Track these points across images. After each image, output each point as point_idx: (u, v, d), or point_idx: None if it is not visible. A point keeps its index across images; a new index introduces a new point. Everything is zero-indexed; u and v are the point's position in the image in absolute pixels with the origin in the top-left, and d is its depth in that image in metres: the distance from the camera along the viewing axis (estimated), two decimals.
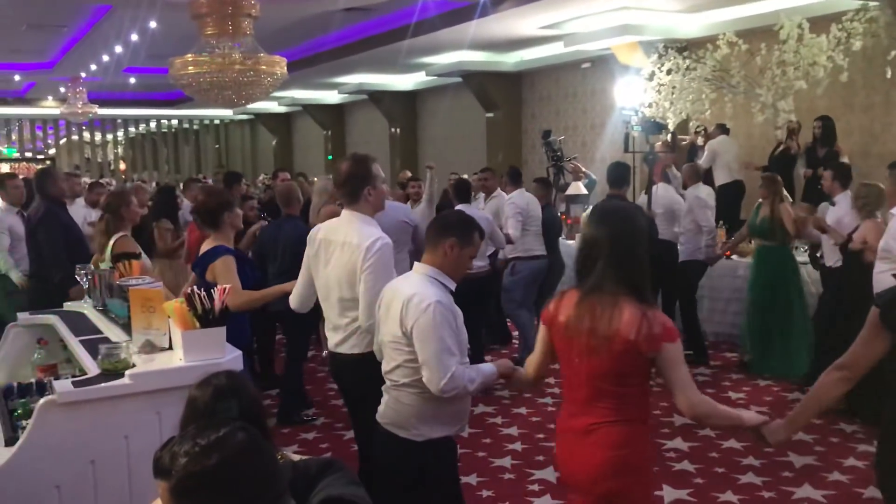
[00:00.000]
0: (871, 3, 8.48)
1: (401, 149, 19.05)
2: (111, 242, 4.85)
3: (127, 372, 3.15)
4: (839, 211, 6.19)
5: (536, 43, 13.10)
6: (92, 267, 4.77)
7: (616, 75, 11.56)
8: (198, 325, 3.23)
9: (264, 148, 26.72)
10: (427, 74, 15.92)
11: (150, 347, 3.41)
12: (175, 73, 8.88)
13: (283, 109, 23.55)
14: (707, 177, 9.70)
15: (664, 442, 5.34)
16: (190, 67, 8.69)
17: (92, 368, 3.28)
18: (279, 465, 1.78)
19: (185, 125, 28.75)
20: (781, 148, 9.57)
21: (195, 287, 3.36)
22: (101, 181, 11.55)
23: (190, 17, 8.92)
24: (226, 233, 4.19)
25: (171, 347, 3.42)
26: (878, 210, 5.67)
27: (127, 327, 3.75)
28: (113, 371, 3.18)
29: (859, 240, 5.55)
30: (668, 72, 9.67)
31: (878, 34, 8.38)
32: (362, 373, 3.48)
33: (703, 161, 9.92)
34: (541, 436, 5.48)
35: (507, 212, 7.03)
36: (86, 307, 4.58)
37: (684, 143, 10.91)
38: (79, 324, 4.17)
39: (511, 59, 14.88)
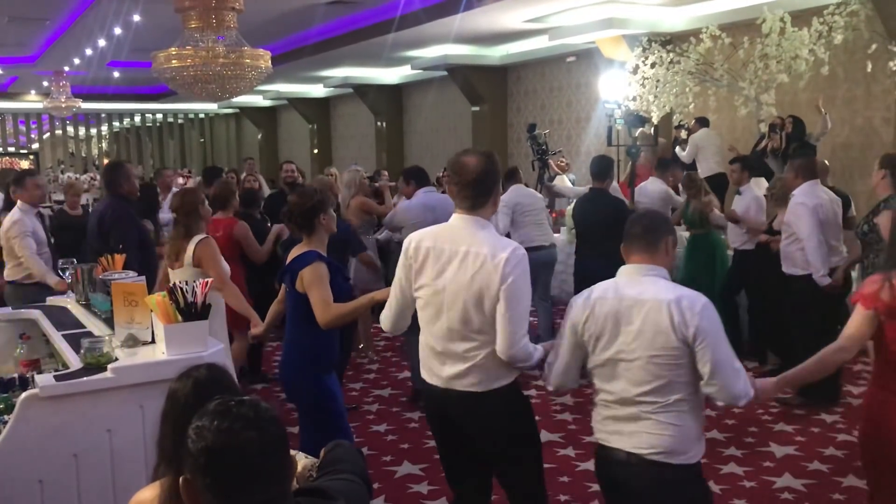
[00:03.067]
0: None
1: (386, 143, 19.02)
2: (191, 247, 4.48)
3: (109, 366, 3.16)
4: (745, 200, 6.78)
5: (521, 36, 13.12)
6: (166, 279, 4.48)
7: (601, 69, 11.60)
8: (180, 318, 3.24)
9: (249, 142, 26.62)
10: (412, 68, 15.91)
11: (132, 341, 3.41)
12: (158, 66, 8.82)
13: (268, 103, 23.46)
14: (692, 170, 9.75)
15: None
16: (173, 61, 8.63)
17: (74, 362, 3.28)
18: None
19: (170, 119, 28.60)
20: (764, 144, 9.62)
21: (177, 282, 3.37)
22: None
23: (173, 11, 8.87)
24: (320, 237, 3.81)
25: (153, 341, 3.43)
26: (785, 201, 6.07)
27: (110, 321, 3.76)
28: (95, 365, 3.19)
29: (778, 227, 6.14)
30: (652, 65, 9.71)
31: (858, 28, 8.45)
32: (489, 415, 2.91)
33: (686, 154, 9.97)
34: None
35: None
36: (69, 302, 4.58)
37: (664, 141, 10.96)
38: (62, 318, 4.17)
39: (496, 53, 14.88)
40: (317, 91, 20.73)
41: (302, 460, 2.22)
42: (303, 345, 3.76)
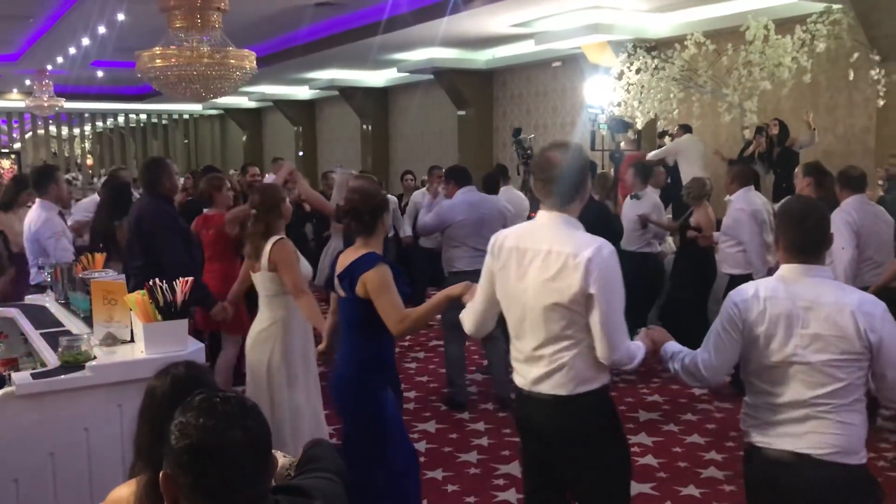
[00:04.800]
0: (835, 6, 8.64)
1: (372, 146, 19.01)
2: (269, 247, 4.14)
3: (87, 364, 3.13)
4: (644, 205, 7.11)
5: (508, 41, 13.15)
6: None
7: (586, 74, 11.63)
8: (160, 317, 3.22)
9: (234, 143, 26.51)
10: (399, 71, 15.91)
11: (111, 340, 3.39)
12: (142, 66, 8.76)
13: (253, 105, 23.38)
14: (674, 174, 9.81)
15: (628, 437, 5.39)
16: (157, 61, 8.57)
17: (52, 361, 3.25)
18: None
19: (154, 120, 28.44)
20: (752, 149, 9.69)
21: (156, 280, 3.34)
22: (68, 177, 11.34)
23: (158, 10, 8.82)
24: (378, 238, 3.54)
25: (132, 340, 3.40)
26: (703, 198, 6.80)
27: (89, 320, 3.73)
28: (73, 363, 3.16)
29: (694, 224, 6.73)
30: (637, 71, 9.75)
31: (841, 36, 8.54)
32: (573, 421, 2.76)
33: (655, 153, 9.96)
34: (507, 430, 5.51)
35: None
36: (48, 300, 4.54)
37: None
38: (40, 317, 4.13)
39: (483, 57, 14.91)
40: (302, 93, 20.68)
41: (281, 458, 2.21)
42: (364, 356, 3.45)
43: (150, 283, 3.30)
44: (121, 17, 11.40)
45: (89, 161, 28.45)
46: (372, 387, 3.43)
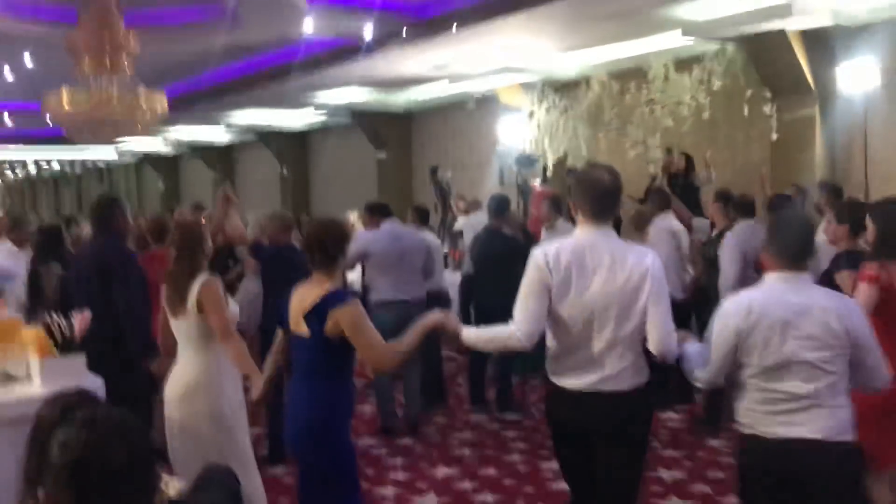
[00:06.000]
0: (728, 47, 9.13)
1: (291, 189, 18.94)
2: (196, 287, 3.70)
3: None
4: (559, 234, 7.31)
5: (423, 83, 13.36)
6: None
7: (500, 114, 11.93)
8: (56, 353, 3.17)
9: (151, 190, 26.05)
10: (316, 111, 15.93)
11: (6, 378, 3.30)
12: (50, 108, 8.65)
13: (169, 151, 23.06)
14: None
15: (541, 462, 5.48)
16: (65, 103, 8.48)
17: None
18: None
19: (66, 169, 27.74)
20: (657, 182, 10.03)
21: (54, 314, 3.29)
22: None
23: (65, 53, 8.73)
24: (340, 272, 3.39)
25: (29, 377, 3.33)
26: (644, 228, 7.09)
27: None
28: None
29: None
30: (547, 110, 10.08)
31: (735, 75, 9.01)
32: (630, 409, 3.07)
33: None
34: (424, 465, 5.52)
35: None
36: None
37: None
38: None
39: (399, 99, 15.10)
40: (220, 138, 20.52)
41: (175, 485, 2.20)
42: (327, 401, 3.23)
43: (48, 318, 3.24)
44: (27, 59, 11.17)
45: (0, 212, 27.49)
46: (341, 431, 3.27)
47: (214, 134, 20.08)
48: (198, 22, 9.66)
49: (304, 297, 3.23)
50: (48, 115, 8.82)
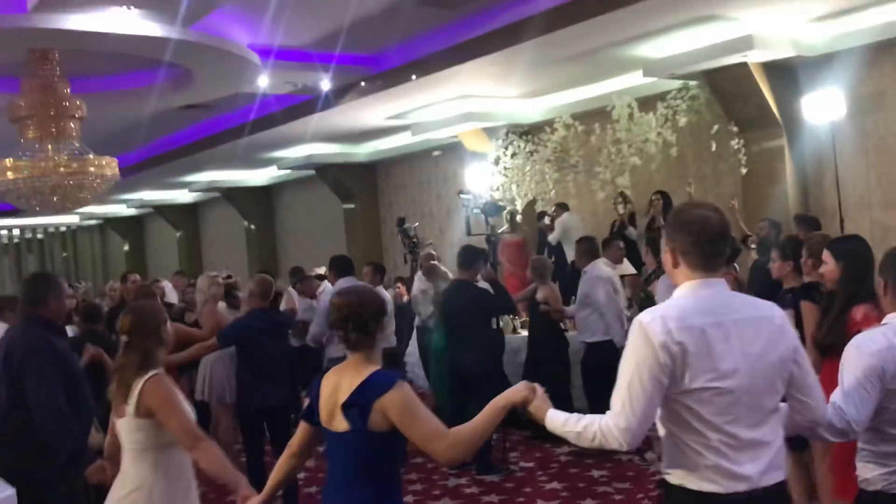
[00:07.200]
0: (691, 83, 9.01)
1: (258, 245, 18.59)
2: (139, 386, 3.14)
3: None
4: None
5: (386, 133, 13.19)
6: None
7: (466, 161, 11.73)
8: None
9: (116, 253, 25.51)
10: (279, 168, 15.73)
11: None
12: None
13: (133, 212, 22.64)
14: (559, 253, 9.83)
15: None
16: (8, 173, 8.09)
17: None
18: None
19: (28, 235, 27.11)
20: (618, 223, 9.80)
21: None
22: None
23: (9, 121, 8.38)
24: (380, 349, 2.85)
25: None
26: (547, 276, 7.32)
27: None
28: None
29: (542, 300, 7.13)
30: (513, 155, 9.89)
31: (700, 110, 8.88)
32: None
33: (552, 236, 10.05)
34: None
35: None
36: None
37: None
38: None
39: (363, 150, 14.91)
40: (183, 197, 20.15)
41: None
42: (385, 501, 2.74)
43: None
44: None
45: None
46: None
47: (177, 193, 19.74)
48: (149, 85, 9.41)
49: (338, 384, 2.71)
50: None
